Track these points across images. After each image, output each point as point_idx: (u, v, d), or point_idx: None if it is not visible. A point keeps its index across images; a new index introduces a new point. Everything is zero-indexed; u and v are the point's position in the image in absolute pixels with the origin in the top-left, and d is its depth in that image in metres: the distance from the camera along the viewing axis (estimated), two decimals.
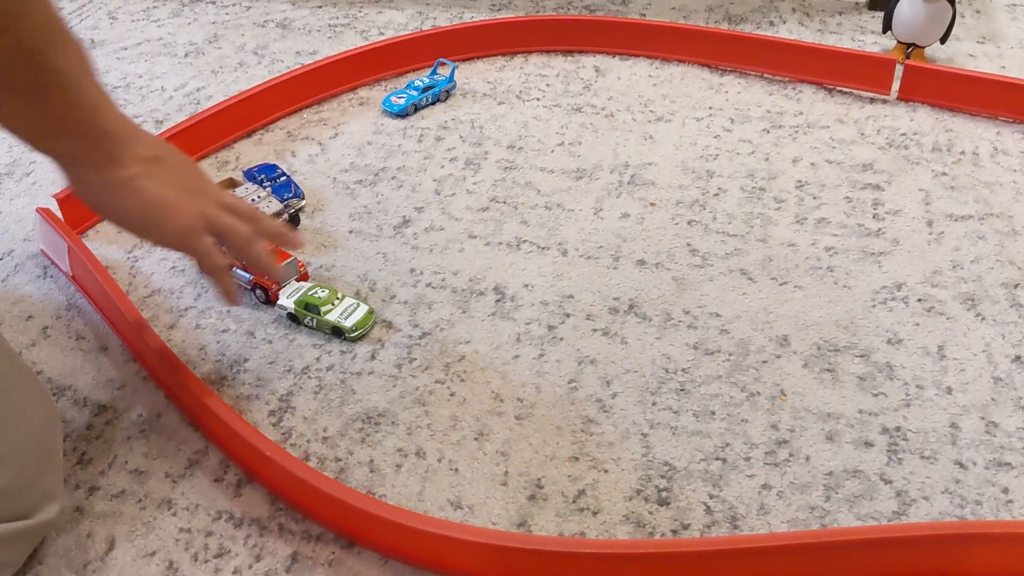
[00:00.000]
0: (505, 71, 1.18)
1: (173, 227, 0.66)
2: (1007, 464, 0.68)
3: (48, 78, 0.59)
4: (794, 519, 0.65)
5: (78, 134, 0.62)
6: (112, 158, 0.63)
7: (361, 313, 0.80)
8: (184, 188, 0.67)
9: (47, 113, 0.60)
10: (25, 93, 0.59)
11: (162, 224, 0.66)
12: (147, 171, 0.65)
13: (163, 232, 0.66)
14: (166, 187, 0.66)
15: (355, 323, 0.79)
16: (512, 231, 0.91)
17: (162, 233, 0.67)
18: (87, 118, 0.62)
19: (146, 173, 0.64)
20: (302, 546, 0.64)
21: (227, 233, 0.68)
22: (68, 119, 0.61)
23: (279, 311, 0.82)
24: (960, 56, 1.19)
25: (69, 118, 0.61)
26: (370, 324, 0.80)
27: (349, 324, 0.79)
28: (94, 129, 0.62)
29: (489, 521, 0.65)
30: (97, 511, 0.67)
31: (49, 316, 0.83)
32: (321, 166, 1.01)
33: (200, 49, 1.25)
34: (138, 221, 0.66)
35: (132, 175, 0.64)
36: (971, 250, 0.87)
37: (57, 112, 0.60)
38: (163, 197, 0.65)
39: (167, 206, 0.65)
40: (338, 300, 0.81)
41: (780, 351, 0.77)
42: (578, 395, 0.74)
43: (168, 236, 0.67)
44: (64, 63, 0.59)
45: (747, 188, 0.96)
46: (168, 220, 0.66)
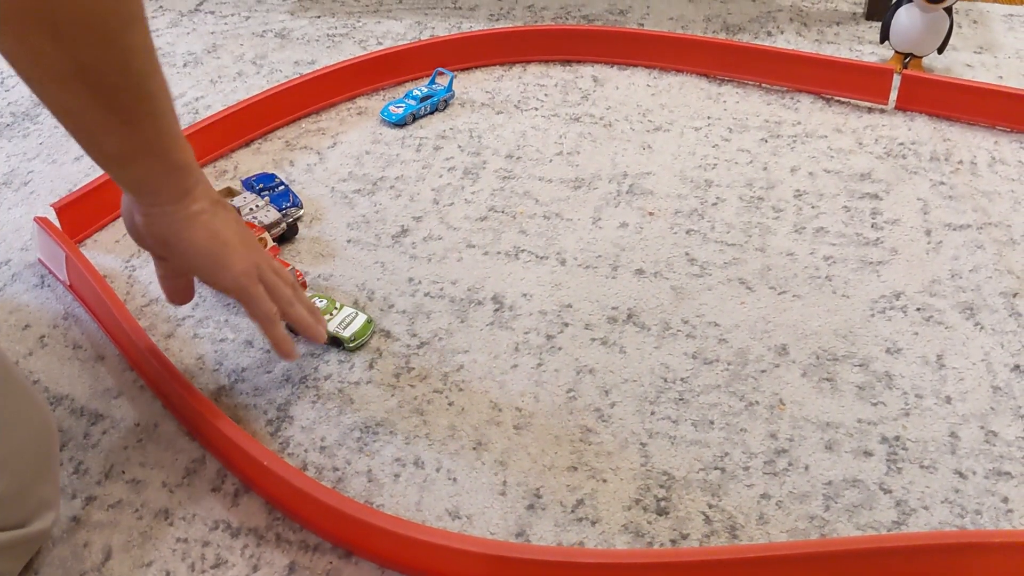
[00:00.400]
0: (503, 81, 1.18)
1: (234, 268, 0.68)
2: (1007, 473, 0.68)
3: (146, 102, 0.60)
4: (793, 529, 0.64)
5: (161, 162, 0.64)
6: (187, 191, 0.66)
7: (360, 323, 0.80)
8: (242, 237, 0.70)
9: (139, 138, 0.61)
10: (124, 115, 0.59)
11: (225, 262, 0.68)
12: (214, 210, 0.67)
13: (224, 270, 0.68)
14: (230, 230, 0.68)
15: (353, 333, 0.79)
16: (510, 240, 0.91)
17: (223, 271, 0.68)
18: (170, 147, 0.63)
19: (213, 212, 0.67)
20: (300, 556, 0.64)
21: (273, 289, 0.71)
22: (154, 146, 0.62)
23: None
24: (957, 66, 1.19)
25: (155, 145, 0.63)
26: (369, 334, 0.80)
27: (347, 334, 0.78)
28: (175, 159, 0.64)
29: (487, 531, 0.65)
30: (94, 521, 0.66)
31: (46, 325, 0.83)
32: (319, 175, 1.01)
33: (199, 59, 1.26)
34: (203, 256, 0.68)
35: (202, 210, 0.66)
36: (969, 259, 0.87)
37: (147, 139, 0.62)
38: (228, 237, 0.68)
39: (232, 246, 0.68)
40: (336, 310, 0.80)
41: (779, 360, 0.77)
42: (577, 404, 0.74)
43: (228, 275, 0.68)
44: (158, 89, 0.61)
45: (745, 197, 0.96)
46: (231, 259, 0.68)
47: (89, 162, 1.04)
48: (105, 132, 0.61)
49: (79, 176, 1.02)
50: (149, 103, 0.60)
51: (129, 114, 0.60)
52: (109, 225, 0.95)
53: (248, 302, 0.70)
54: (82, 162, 1.05)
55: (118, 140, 0.61)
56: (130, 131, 0.61)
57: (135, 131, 0.61)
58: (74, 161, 1.05)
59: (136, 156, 0.63)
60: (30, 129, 1.12)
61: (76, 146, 1.07)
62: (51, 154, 1.07)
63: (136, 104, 0.59)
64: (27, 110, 1.16)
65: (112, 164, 0.64)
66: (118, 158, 0.63)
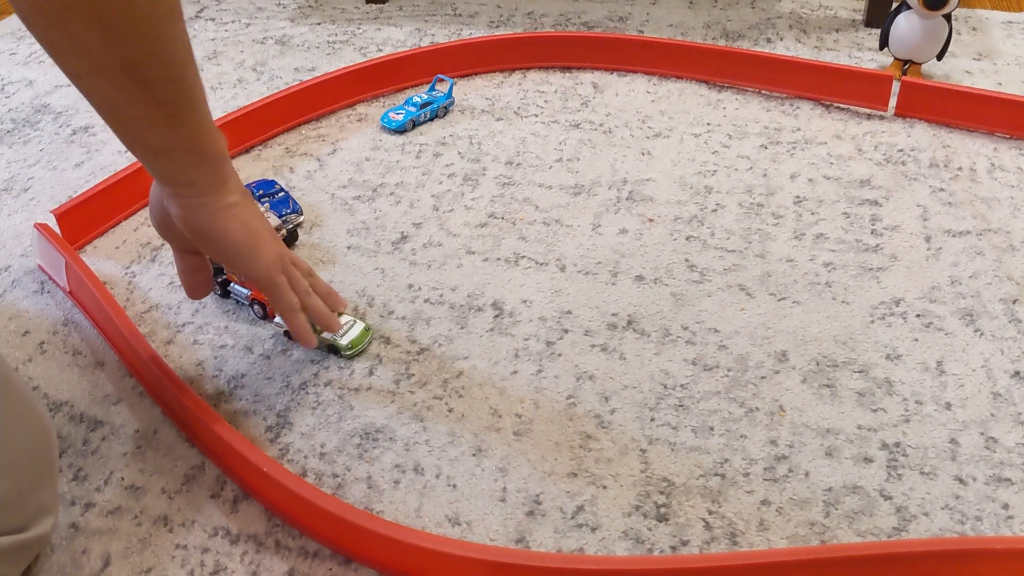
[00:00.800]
0: (503, 87, 1.19)
1: (264, 258, 0.70)
2: (1007, 480, 0.67)
3: (185, 94, 0.61)
4: (793, 535, 0.64)
5: (198, 154, 0.65)
6: (222, 182, 0.67)
7: (357, 331, 0.80)
8: (268, 228, 0.72)
9: (180, 131, 0.63)
10: (162, 107, 0.60)
11: (256, 252, 0.69)
12: (246, 203, 0.69)
13: (255, 260, 0.70)
14: (259, 221, 0.70)
15: (351, 341, 0.79)
16: (510, 247, 0.91)
17: (254, 261, 0.70)
18: (208, 139, 0.65)
19: (245, 204, 0.69)
20: (299, 563, 0.64)
21: (293, 280, 0.73)
22: (193, 138, 0.64)
23: (275, 328, 0.82)
24: (956, 73, 1.19)
25: (194, 137, 0.64)
26: (367, 342, 0.80)
27: (345, 342, 0.78)
28: (212, 151, 0.65)
29: (487, 537, 0.65)
30: (92, 527, 0.66)
31: (46, 331, 0.83)
32: (319, 182, 1.01)
33: (199, 66, 1.26)
34: (238, 245, 0.69)
35: (236, 202, 0.68)
36: (969, 266, 0.87)
37: (185, 130, 0.63)
38: (258, 227, 0.70)
39: (262, 238, 0.70)
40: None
41: (779, 367, 0.77)
42: (576, 411, 0.74)
43: (258, 264, 0.70)
44: (195, 80, 0.62)
45: (745, 204, 0.96)
46: (262, 250, 0.70)
47: (89, 168, 1.04)
48: (148, 125, 0.61)
49: (79, 183, 1.02)
50: (189, 95, 0.61)
51: (171, 107, 0.61)
52: (109, 231, 0.95)
53: (274, 293, 0.72)
54: (82, 168, 1.05)
55: (160, 133, 0.62)
56: (172, 123, 0.62)
57: (176, 123, 0.62)
58: (74, 168, 1.05)
59: (176, 148, 0.64)
60: (31, 135, 1.12)
61: (76, 153, 1.08)
62: (51, 160, 1.07)
63: (177, 97, 0.61)
64: (27, 116, 1.16)
65: (152, 156, 0.65)
66: (159, 150, 0.64)
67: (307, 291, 0.74)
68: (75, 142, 1.11)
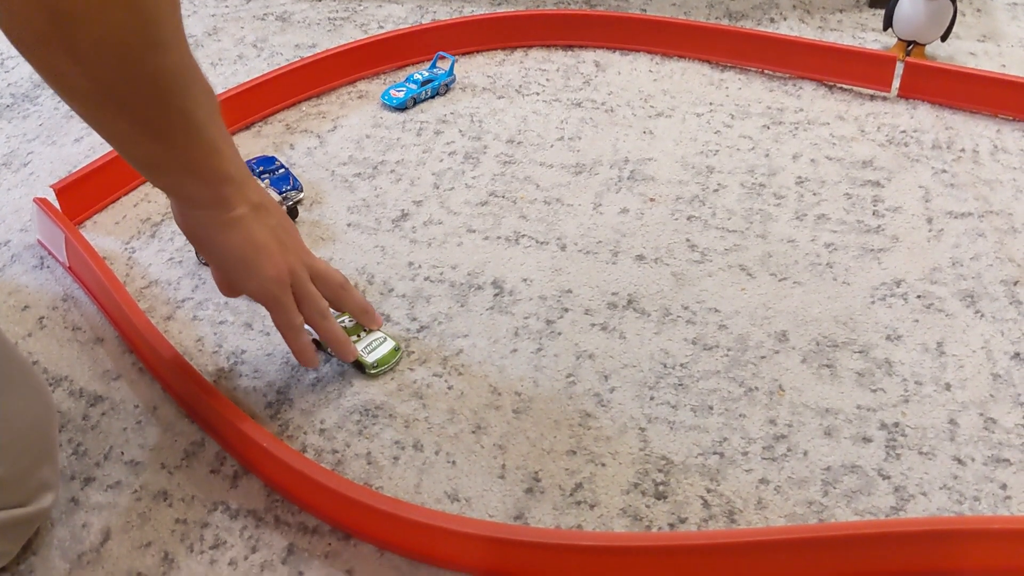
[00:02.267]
0: (505, 65, 1.18)
1: (265, 272, 0.67)
2: (1005, 460, 0.68)
3: (176, 119, 0.59)
4: (792, 514, 0.64)
5: (196, 173, 0.63)
6: (224, 199, 0.65)
7: (386, 349, 0.76)
8: (280, 241, 0.69)
9: (169, 151, 0.61)
10: (151, 130, 0.59)
11: (256, 267, 0.67)
12: (254, 215, 0.66)
13: (255, 275, 0.67)
14: (267, 234, 0.67)
15: (378, 360, 0.75)
16: (511, 225, 0.91)
17: (254, 275, 0.68)
18: (207, 160, 0.63)
19: (253, 216, 0.66)
20: (298, 538, 0.64)
21: (305, 298, 0.70)
22: (189, 159, 0.62)
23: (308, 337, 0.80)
24: (960, 54, 1.19)
25: (190, 158, 0.62)
26: (394, 361, 0.76)
27: (371, 360, 0.75)
28: (212, 170, 0.63)
29: (486, 514, 0.65)
30: (92, 502, 0.66)
31: (45, 307, 0.83)
32: (320, 159, 1.01)
33: (199, 42, 1.25)
34: (235, 260, 0.67)
35: (240, 216, 0.65)
36: (971, 247, 0.87)
37: (179, 152, 0.61)
38: (263, 242, 0.67)
39: (265, 250, 0.67)
40: (364, 332, 0.77)
41: (779, 347, 0.77)
42: (576, 389, 0.74)
43: (258, 280, 0.68)
44: (193, 105, 0.60)
45: (747, 184, 0.96)
46: (263, 264, 0.67)
47: (89, 143, 1.04)
48: (135, 144, 0.61)
49: (79, 157, 1.02)
50: (181, 120, 0.59)
51: (159, 130, 0.59)
52: (109, 207, 0.95)
53: (272, 310, 0.70)
54: (82, 143, 1.04)
55: (148, 152, 0.61)
56: (161, 145, 0.60)
57: (166, 145, 0.60)
58: (74, 143, 1.05)
59: (169, 166, 0.62)
60: (30, 110, 1.12)
61: (77, 127, 1.08)
62: (51, 135, 1.06)
63: (166, 122, 0.59)
64: (27, 91, 1.16)
65: (144, 171, 0.65)
66: (149, 167, 0.63)
67: (323, 313, 0.71)
68: (75, 117, 1.10)
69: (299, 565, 0.62)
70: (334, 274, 0.73)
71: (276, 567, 0.62)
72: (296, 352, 0.72)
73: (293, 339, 0.71)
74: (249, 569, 0.62)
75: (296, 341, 0.71)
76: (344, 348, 0.74)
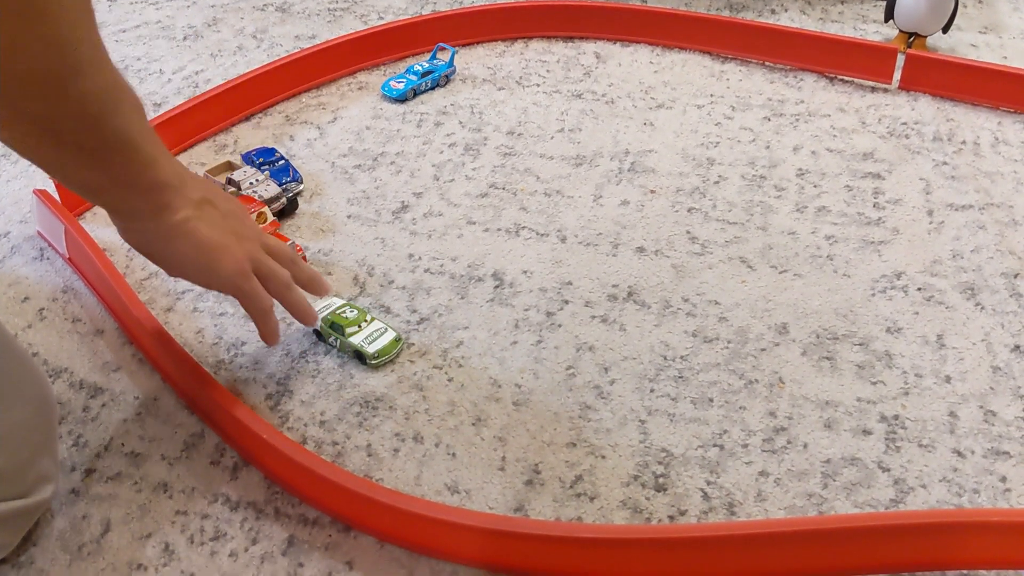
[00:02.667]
0: (505, 57, 1.18)
1: (225, 270, 0.67)
2: (1005, 453, 0.68)
3: (108, 139, 0.58)
4: (791, 506, 0.64)
5: (134, 188, 0.62)
6: (165, 206, 0.64)
7: (387, 340, 0.76)
8: (233, 231, 0.68)
9: (105, 170, 0.60)
10: (84, 153, 0.58)
11: (215, 267, 0.66)
12: (198, 214, 0.65)
13: (215, 275, 0.67)
14: (216, 230, 0.66)
15: (378, 350, 0.75)
16: (511, 217, 0.91)
17: (214, 276, 0.67)
18: (143, 172, 0.62)
19: (197, 216, 0.65)
20: (298, 530, 0.64)
21: (268, 277, 0.70)
22: (125, 175, 0.61)
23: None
24: (962, 46, 1.18)
25: (126, 174, 0.61)
26: (395, 352, 0.76)
27: (372, 350, 0.75)
28: (149, 181, 0.62)
29: (486, 506, 0.65)
30: (92, 493, 0.66)
31: (45, 298, 0.83)
32: (319, 150, 1.01)
33: (199, 32, 1.25)
34: (191, 266, 0.67)
35: (184, 219, 0.64)
36: (971, 240, 0.87)
37: (115, 169, 0.60)
38: (215, 240, 0.66)
39: (219, 249, 0.66)
40: (366, 322, 0.77)
41: (779, 339, 0.77)
42: (576, 382, 0.74)
43: (220, 279, 0.67)
44: (124, 122, 0.59)
45: (747, 176, 0.96)
46: (221, 263, 0.66)
47: None
48: (69, 169, 0.60)
49: None
50: (114, 139, 0.58)
51: (91, 153, 0.58)
52: None
53: (242, 300, 0.70)
54: None
55: (84, 175, 0.60)
56: (96, 167, 0.59)
57: (100, 166, 0.59)
58: None
59: (107, 186, 0.62)
60: None
61: None
62: None
63: (99, 143, 0.58)
64: None
65: (83, 192, 0.64)
66: (88, 188, 0.63)
67: (287, 284, 0.71)
68: None
69: (299, 557, 0.62)
70: (285, 249, 0.73)
71: (276, 559, 0.62)
72: (265, 334, 0.72)
73: (264, 322, 0.71)
74: (249, 561, 0.62)
75: (267, 323, 0.71)
76: (308, 314, 0.74)
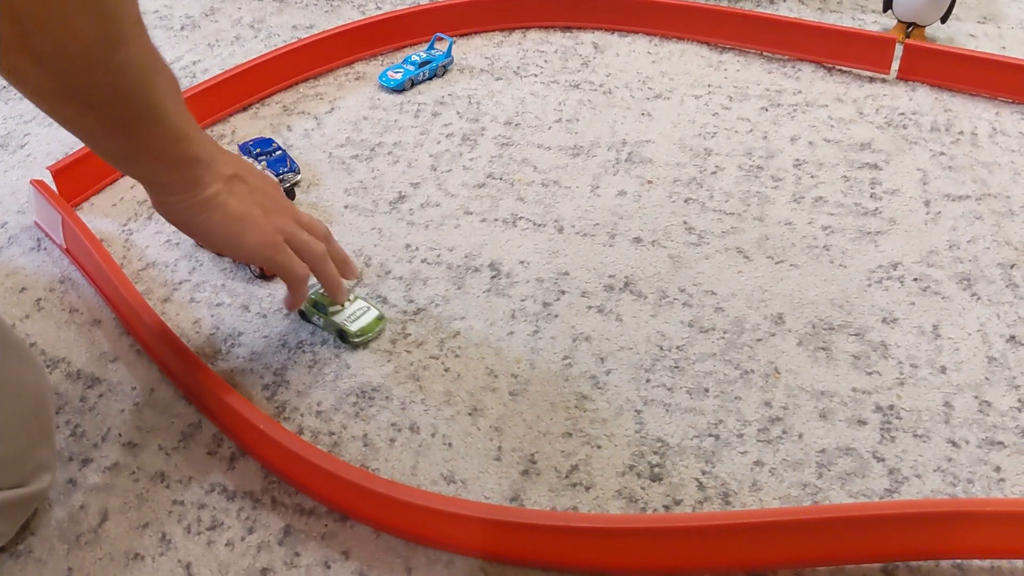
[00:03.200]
0: (503, 47, 1.17)
1: (253, 242, 0.68)
2: (999, 443, 0.68)
3: (141, 110, 0.59)
4: (786, 496, 0.65)
5: (165, 160, 0.63)
6: (195, 181, 0.65)
7: (370, 318, 0.77)
8: (262, 205, 0.69)
9: (136, 141, 0.61)
10: (117, 123, 0.59)
11: (243, 239, 0.68)
12: (228, 189, 0.67)
13: (244, 246, 0.69)
14: (246, 204, 0.68)
15: (360, 328, 0.76)
16: (508, 208, 0.91)
17: (243, 247, 0.69)
18: (174, 145, 0.63)
19: (227, 191, 0.67)
20: (295, 519, 0.64)
21: (303, 249, 0.71)
22: (156, 147, 0.62)
23: None
24: (960, 36, 1.18)
25: (157, 146, 0.62)
26: (377, 331, 0.77)
27: (354, 328, 0.76)
28: (180, 155, 0.63)
29: (482, 495, 0.65)
30: (90, 484, 0.67)
31: (42, 289, 0.83)
32: (317, 141, 1.01)
33: (196, 22, 1.24)
34: (220, 237, 0.68)
35: (214, 193, 0.66)
36: (968, 230, 0.87)
37: (146, 140, 0.61)
38: (243, 213, 0.68)
39: (248, 221, 0.68)
40: (349, 302, 0.78)
41: (775, 329, 0.77)
42: (572, 372, 0.74)
43: (249, 250, 0.69)
44: (158, 95, 0.60)
45: (745, 166, 0.96)
46: (249, 235, 0.68)
47: None
48: (102, 137, 0.61)
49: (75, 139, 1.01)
50: (148, 110, 0.60)
51: (125, 123, 0.60)
52: (106, 189, 0.95)
53: (277, 271, 0.71)
54: None
55: (116, 144, 0.62)
56: (128, 136, 0.61)
57: (133, 136, 0.61)
58: None
59: (137, 156, 0.63)
60: None
61: None
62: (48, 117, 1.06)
63: (131, 114, 0.59)
64: None
65: (113, 161, 0.65)
66: (118, 157, 0.64)
67: (323, 257, 0.72)
68: None
69: (296, 546, 0.62)
70: (319, 225, 0.75)
71: (273, 548, 0.62)
72: (294, 302, 0.74)
73: (297, 290, 0.72)
74: (246, 550, 0.62)
75: (300, 292, 0.73)
76: (339, 290, 0.75)
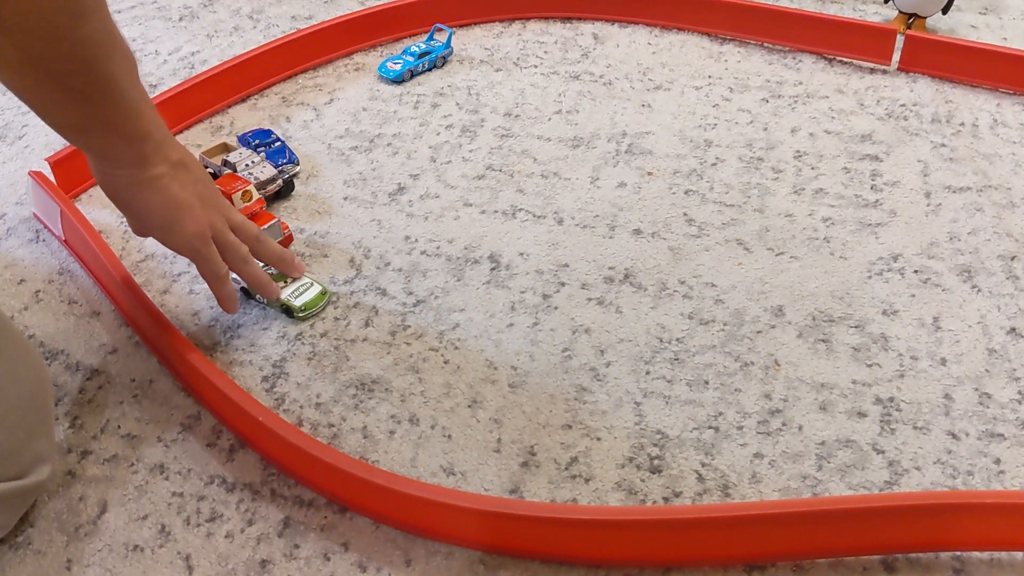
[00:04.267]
0: (503, 38, 1.17)
1: (186, 230, 0.69)
2: (999, 435, 0.68)
3: (98, 83, 0.61)
4: (786, 488, 0.65)
5: (116, 133, 0.65)
6: (144, 158, 0.67)
7: (313, 293, 0.79)
8: (201, 197, 0.71)
9: (90, 112, 0.63)
10: (76, 94, 0.61)
11: (177, 225, 0.69)
12: (173, 173, 0.68)
13: (178, 232, 0.70)
14: (187, 192, 0.69)
15: (305, 303, 0.78)
16: (508, 199, 0.91)
17: (177, 234, 0.70)
18: (127, 119, 0.64)
19: (171, 175, 0.68)
20: (294, 511, 0.64)
21: (227, 248, 0.72)
22: (110, 119, 0.64)
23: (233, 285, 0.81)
24: (962, 27, 1.18)
25: (111, 118, 0.64)
26: (321, 305, 0.79)
27: (298, 303, 0.77)
28: (132, 129, 0.65)
29: (482, 487, 0.65)
30: (89, 475, 0.67)
31: (41, 280, 0.83)
32: (316, 132, 1.01)
33: (195, 13, 1.24)
34: (156, 219, 0.69)
35: (159, 175, 0.67)
36: (968, 222, 0.87)
37: (100, 112, 0.63)
38: (183, 200, 0.69)
39: (185, 208, 0.69)
40: (291, 279, 0.80)
41: (775, 321, 0.77)
42: (572, 364, 0.74)
43: (180, 237, 0.70)
44: (115, 69, 0.62)
45: (745, 158, 0.95)
46: (183, 222, 0.69)
47: None
48: (58, 108, 0.62)
49: None
50: (105, 83, 0.61)
51: (82, 94, 0.61)
52: None
53: (198, 263, 0.72)
54: None
55: (72, 114, 0.63)
56: (84, 107, 0.62)
57: (89, 107, 0.62)
58: None
59: (90, 127, 0.64)
60: None
61: None
62: None
63: (90, 86, 0.61)
64: None
65: (65, 132, 0.66)
66: (72, 128, 0.65)
67: (244, 258, 0.74)
68: None
69: (295, 538, 0.62)
70: (250, 227, 0.76)
71: (272, 540, 0.62)
72: (220, 299, 0.74)
73: (219, 288, 0.74)
74: (245, 541, 0.62)
75: (221, 289, 0.74)
76: (267, 288, 0.76)
